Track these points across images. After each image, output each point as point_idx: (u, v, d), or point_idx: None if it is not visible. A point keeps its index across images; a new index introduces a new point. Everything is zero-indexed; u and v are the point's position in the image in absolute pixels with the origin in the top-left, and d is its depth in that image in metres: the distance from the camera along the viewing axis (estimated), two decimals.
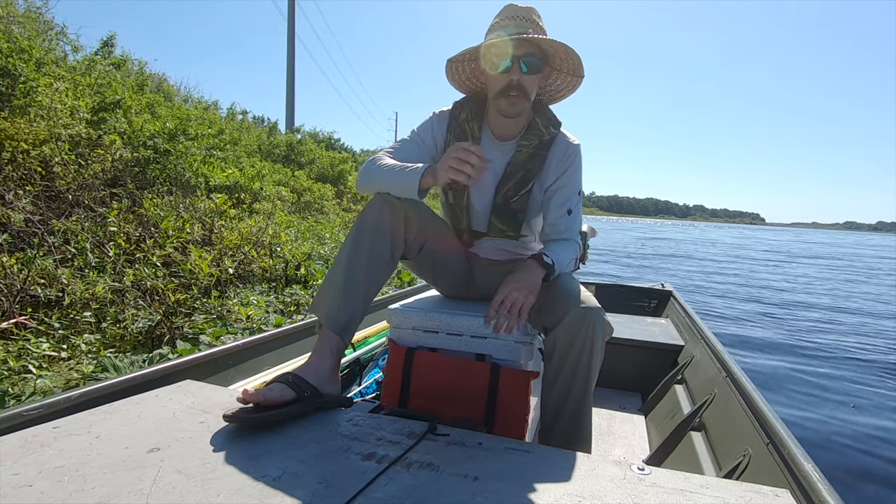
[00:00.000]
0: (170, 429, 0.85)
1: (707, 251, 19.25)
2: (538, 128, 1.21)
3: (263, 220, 4.98)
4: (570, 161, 1.22)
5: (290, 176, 8.76)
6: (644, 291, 3.25)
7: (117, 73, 5.96)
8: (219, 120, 8.43)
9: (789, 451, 0.97)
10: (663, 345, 2.21)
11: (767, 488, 0.76)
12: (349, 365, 1.87)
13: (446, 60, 1.21)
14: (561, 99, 1.30)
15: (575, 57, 1.14)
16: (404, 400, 1.22)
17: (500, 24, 1.14)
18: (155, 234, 3.65)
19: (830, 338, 4.91)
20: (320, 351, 1.04)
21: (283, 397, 0.91)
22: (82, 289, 2.76)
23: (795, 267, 14.08)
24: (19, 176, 3.34)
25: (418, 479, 0.73)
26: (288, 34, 15.26)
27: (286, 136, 12.47)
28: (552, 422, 1.09)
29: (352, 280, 1.08)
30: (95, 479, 0.68)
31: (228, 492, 0.66)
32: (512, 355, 1.20)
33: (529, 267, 1.08)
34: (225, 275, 3.69)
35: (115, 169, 4.10)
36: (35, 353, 2.23)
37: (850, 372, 3.72)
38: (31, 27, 5.28)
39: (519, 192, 1.22)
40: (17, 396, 1.88)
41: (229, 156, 6.49)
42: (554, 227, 1.24)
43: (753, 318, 5.72)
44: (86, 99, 4.50)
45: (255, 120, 14.00)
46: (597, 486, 0.73)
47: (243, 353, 1.47)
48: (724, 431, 1.34)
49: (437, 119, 1.28)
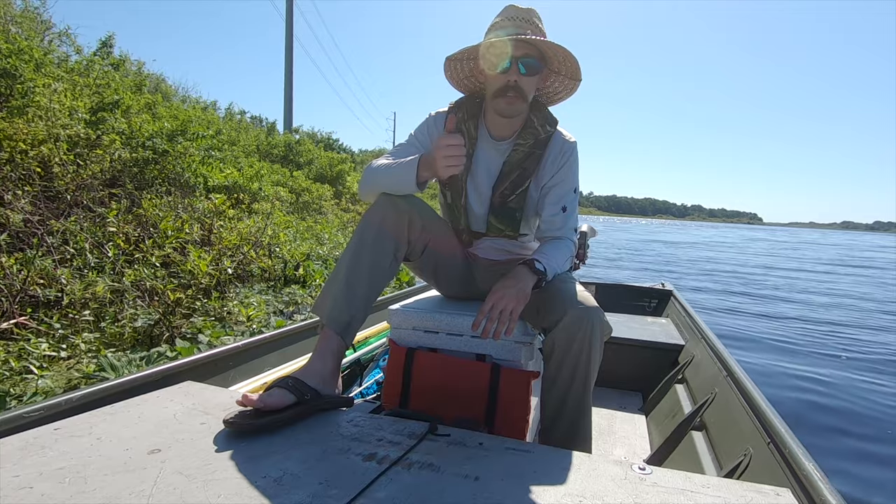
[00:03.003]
0: (170, 430, 0.85)
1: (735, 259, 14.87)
2: (534, 126, 1.21)
3: (262, 220, 4.98)
4: (565, 159, 1.22)
5: (288, 176, 8.76)
6: (644, 291, 3.25)
7: (116, 73, 5.95)
8: (217, 120, 8.42)
9: (790, 451, 0.97)
10: (664, 344, 2.21)
11: (768, 487, 0.76)
12: (350, 365, 1.87)
13: (445, 58, 1.21)
14: (558, 101, 1.31)
15: (573, 60, 1.14)
16: (405, 400, 1.22)
17: (499, 24, 1.14)
18: (154, 234, 3.65)
19: (831, 337, 4.92)
20: (321, 352, 1.04)
21: (284, 402, 0.91)
22: (81, 289, 2.75)
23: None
24: (18, 176, 3.34)
25: (419, 480, 0.73)
26: (286, 34, 15.25)
27: (284, 136, 12.46)
28: (552, 422, 1.10)
29: (355, 280, 1.08)
30: (96, 480, 0.68)
31: (229, 493, 0.66)
32: (512, 355, 1.20)
33: (520, 273, 1.07)
34: (224, 275, 3.69)
35: (114, 169, 4.09)
36: (35, 353, 2.23)
37: (851, 370, 3.73)
38: (29, 27, 5.27)
39: (516, 191, 1.22)
40: (19, 397, 1.88)
41: (227, 156, 6.48)
42: (549, 225, 1.24)
43: (753, 318, 5.73)
44: (84, 99, 4.49)
45: (253, 120, 13.99)
46: (598, 486, 0.73)
47: (244, 355, 1.47)
48: (725, 431, 1.34)
49: (434, 120, 1.28)
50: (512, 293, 1.01)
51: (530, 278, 1.06)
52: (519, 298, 1.01)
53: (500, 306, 0.99)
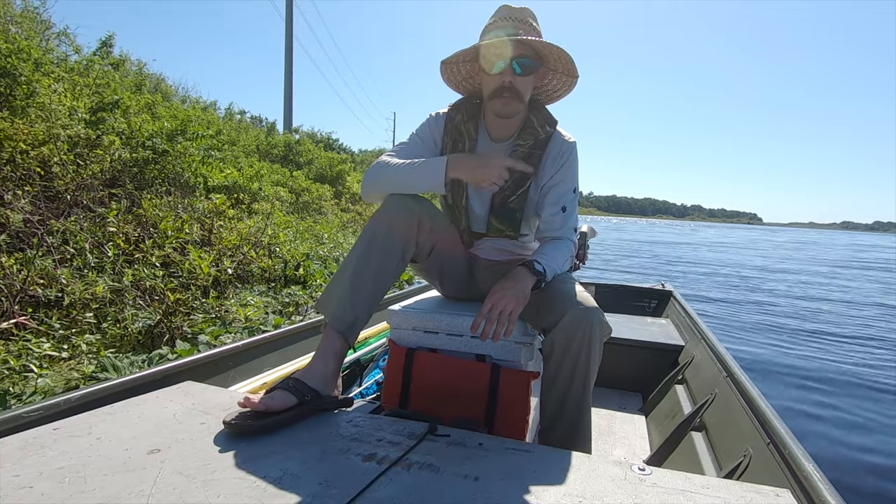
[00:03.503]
0: (170, 430, 0.85)
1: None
2: (534, 127, 1.21)
3: (262, 220, 4.98)
4: (564, 158, 1.22)
5: (288, 176, 8.76)
6: (644, 291, 3.26)
7: (115, 73, 5.96)
8: (217, 120, 8.42)
9: (790, 451, 0.97)
10: (664, 345, 2.21)
11: (768, 488, 0.76)
12: (350, 366, 1.87)
13: (440, 62, 1.21)
14: (558, 99, 1.31)
15: (567, 57, 1.14)
16: (405, 400, 1.22)
17: (494, 24, 1.14)
18: (154, 234, 3.65)
19: (832, 335, 4.92)
20: (322, 353, 1.04)
21: (286, 404, 0.91)
22: (82, 289, 2.75)
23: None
24: (18, 176, 3.34)
25: (419, 480, 0.73)
26: (286, 34, 15.25)
27: (284, 136, 12.45)
28: (552, 422, 1.10)
29: (361, 281, 1.08)
30: (96, 480, 0.68)
31: (229, 493, 0.66)
32: (512, 356, 1.20)
33: (519, 274, 1.07)
34: (224, 275, 3.69)
35: (114, 169, 4.09)
36: (36, 352, 2.23)
37: (851, 372, 3.73)
38: (29, 27, 5.27)
39: (516, 192, 1.22)
40: (18, 396, 1.88)
41: (227, 156, 6.49)
42: (548, 225, 1.24)
43: (754, 317, 5.73)
44: (84, 99, 4.49)
45: (252, 120, 13.99)
46: (597, 487, 0.73)
47: (244, 355, 1.47)
48: (725, 431, 1.34)
49: (434, 120, 1.28)
50: (511, 294, 1.01)
51: (529, 279, 1.06)
52: (518, 300, 1.01)
53: (499, 307, 0.99)
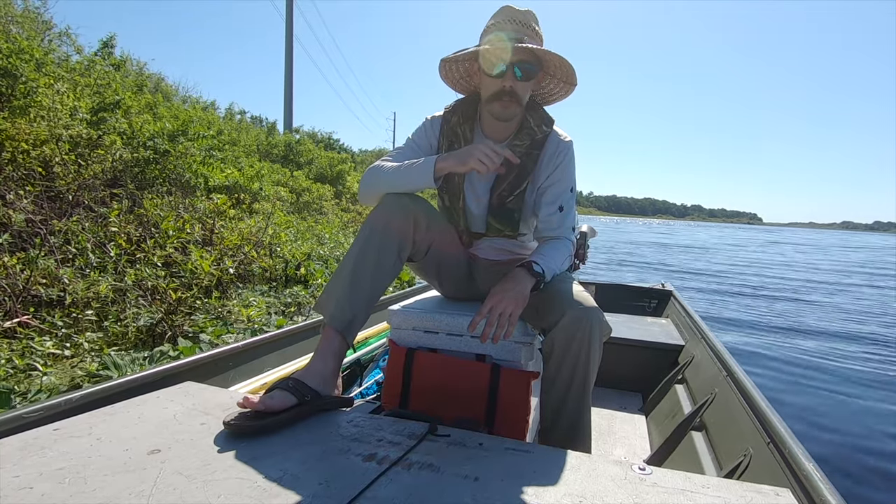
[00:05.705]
0: (170, 430, 0.85)
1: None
2: (531, 127, 1.21)
3: (263, 220, 4.98)
4: (561, 158, 1.22)
5: (288, 176, 8.76)
6: (644, 291, 3.25)
7: (116, 73, 5.96)
8: (217, 120, 8.43)
9: (790, 451, 0.97)
10: (664, 344, 2.21)
11: (768, 488, 0.76)
12: (350, 366, 1.87)
13: (440, 60, 1.21)
14: (553, 102, 1.30)
15: (568, 67, 1.14)
16: (405, 400, 1.22)
17: (496, 25, 1.13)
18: (155, 234, 3.65)
19: (832, 335, 4.91)
20: (322, 353, 1.04)
21: (285, 404, 0.91)
22: (84, 288, 2.76)
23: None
24: (20, 176, 3.35)
25: (419, 480, 0.73)
26: (286, 34, 15.26)
27: (285, 136, 12.46)
28: (552, 422, 1.09)
29: (358, 280, 1.08)
30: (96, 480, 0.68)
31: (229, 493, 0.66)
32: (512, 356, 1.20)
33: (518, 276, 1.07)
34: (226, 275, 3.69)
35: (115, 169, 4.10)
36: (39, 351, 2.24)
37: (852, 371, 3.72)
38: (30, 27, 5.28)
39: (514, 192, 1.22)
40: (23, 394, 1.88)
41: (228, 156, 6.49)
42: (547, 225, 1.24)
43: (753, 317, 5.72)
44: (85, 99, 4.50)
45: (253, 120, 14.01)
46: (598, 487, 0.73)
47: (244, 355, 1.47)
48: (725, 431, 1.34)
49: (430, 124, 1.28)
50: (510, 296, 1.01)
51: (528, 281, 1.06)
52: (517, 301, 1.01)
53: (498, 309, 0.99)
